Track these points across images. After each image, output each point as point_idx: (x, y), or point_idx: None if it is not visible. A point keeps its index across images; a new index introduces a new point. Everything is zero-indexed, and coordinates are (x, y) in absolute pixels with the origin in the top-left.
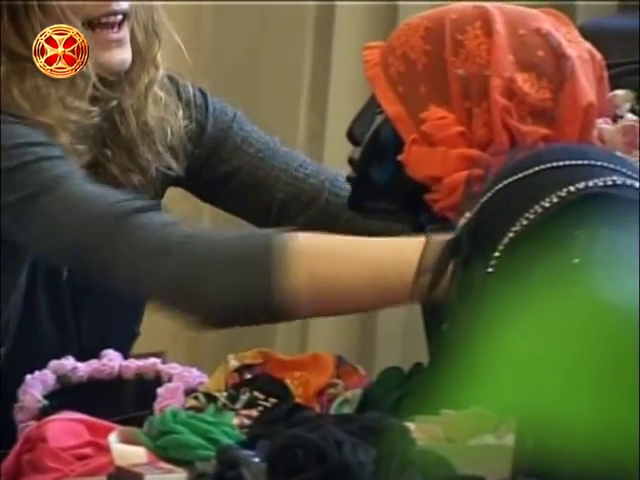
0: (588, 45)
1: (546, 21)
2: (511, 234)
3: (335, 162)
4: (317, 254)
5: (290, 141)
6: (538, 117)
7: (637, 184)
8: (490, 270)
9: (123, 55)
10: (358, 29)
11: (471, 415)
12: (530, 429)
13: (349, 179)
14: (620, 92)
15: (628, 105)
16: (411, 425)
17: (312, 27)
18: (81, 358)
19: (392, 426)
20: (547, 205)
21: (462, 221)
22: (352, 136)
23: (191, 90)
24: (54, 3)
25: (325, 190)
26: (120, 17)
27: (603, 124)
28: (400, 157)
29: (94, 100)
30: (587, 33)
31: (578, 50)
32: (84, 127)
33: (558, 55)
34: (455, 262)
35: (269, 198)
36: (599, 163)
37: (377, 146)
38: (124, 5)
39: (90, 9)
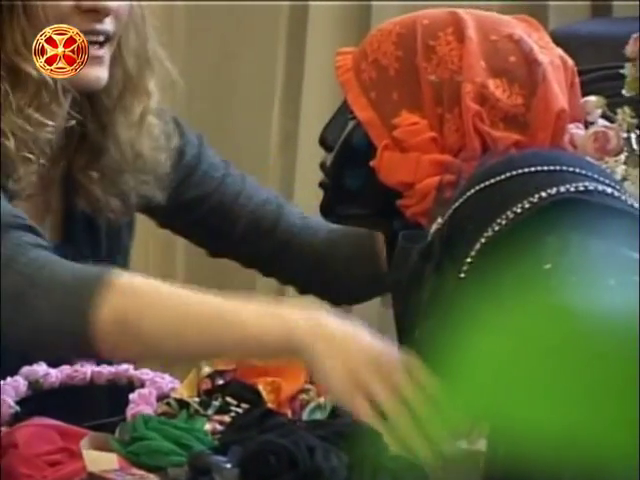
0: (560, 51)
1: (518, 27)
2: (483, 239)
3: (308, 163)
4: (129, 292)
5: (264, 142)
6: (510, 123)
7: (609, 190)
8: (462, 275)
9: (99, 73)
10: (332, 29)
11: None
12: (502, 435)
13: (321, 185)
14: (592, 98)
15: (599, 111)
16: None
17: (285, 27)
18: (53, 364)
19: (364, 431)
20: (519, 211)
21: (434, 227)
22: (324, 142)
23: (168, 116)
24: (38, 3)
25: (282, 218)
26: (102, 38)
27: (575, 129)
28: (372, 163)
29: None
30: (559, 39)
31: (550, 56)
32: (37, 139)
33: (530, 61)
34: (427, 267)
35: (231, 225)
36: (571, 169)
37: (349, 152)
38: (107, 27)
39: (73, 24)
